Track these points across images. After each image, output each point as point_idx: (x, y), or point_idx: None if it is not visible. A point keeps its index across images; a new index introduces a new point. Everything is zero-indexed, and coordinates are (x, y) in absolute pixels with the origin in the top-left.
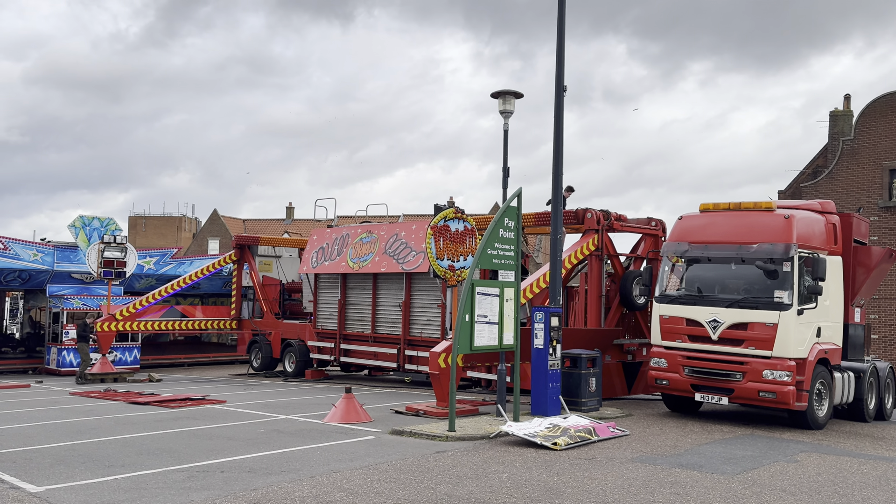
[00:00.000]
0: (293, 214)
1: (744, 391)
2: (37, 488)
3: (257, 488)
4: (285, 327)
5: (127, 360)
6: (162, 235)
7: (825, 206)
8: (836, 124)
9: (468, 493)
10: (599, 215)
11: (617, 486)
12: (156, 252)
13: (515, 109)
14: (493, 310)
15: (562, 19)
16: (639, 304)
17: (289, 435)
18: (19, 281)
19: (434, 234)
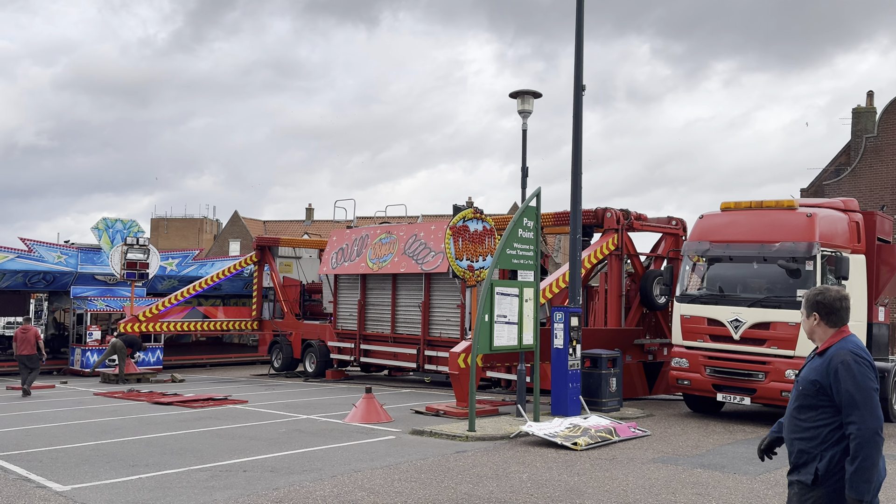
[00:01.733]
0: (313, 216)
1: (766, 391)
2: (63, 487)
3: (279, 487)
4: (306, 328)
5: (150, 361)
6: (184, 237)
7: (848, 204)
8: (860, 121)
9: (489, 493)
10: (619, 215)
11: (638, 487)
12: (178, 254)
13: (538, 110)
14: (513, 310)
15: (580, 18)
16: (659, 303)
17: (310, 435)
18: (44, 283)
19: (453, 235)
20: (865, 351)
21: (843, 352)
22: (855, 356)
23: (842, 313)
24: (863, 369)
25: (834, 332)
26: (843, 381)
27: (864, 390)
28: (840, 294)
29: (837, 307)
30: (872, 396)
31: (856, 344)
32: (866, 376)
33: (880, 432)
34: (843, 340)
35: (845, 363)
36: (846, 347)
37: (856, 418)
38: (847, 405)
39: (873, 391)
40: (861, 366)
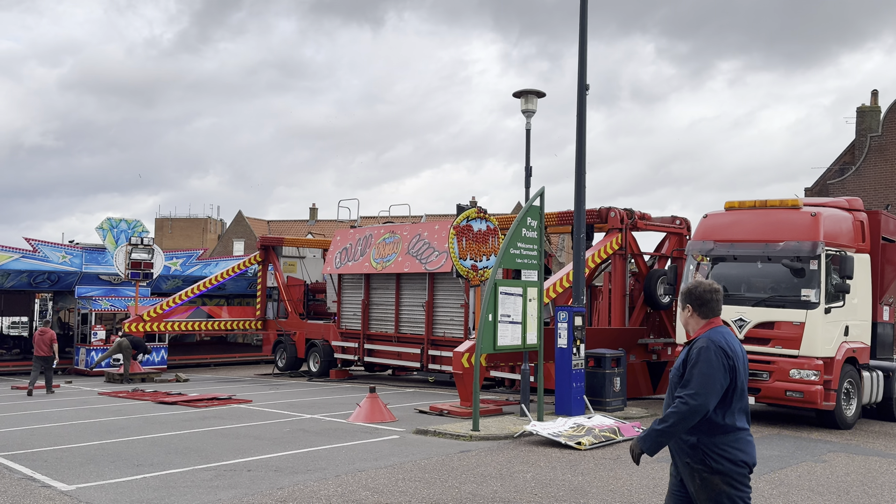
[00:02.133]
0: (317, 215)
1: (771, 391)
2: (67, 487)
3: (283, 487)
4: (310, 327)
5: (154, 361)
6: (188, 237)
7: (852, 203)
8: (864, 120)
9: (493, 493)
10: (623, 214)
11: (642, 486)
12: (182, 253)
13: (542, 110)
14: (517, 309)
15: (584, 18)
16: (663, 303)
17: (314, 434)
18: (48, 283)
19: (457, 234)
20: (729, 343)
21: (704, 339)
22: (712, 343)
23: (712, 305)
24: (713, 357)
25: (705, 322)
26: (694, 362)
27: (706, 375)
28: (711, 287)
29: (708, 299)
30: (711, 382)
31: (720, 334)
32: (712, 363)
33: (697, 415)
34: (711, 331)
35: (701, 349)
36: (710, 336)
37: (685, 393)
38: (686, 381)
39: (715, 380)
40: (712, 354)
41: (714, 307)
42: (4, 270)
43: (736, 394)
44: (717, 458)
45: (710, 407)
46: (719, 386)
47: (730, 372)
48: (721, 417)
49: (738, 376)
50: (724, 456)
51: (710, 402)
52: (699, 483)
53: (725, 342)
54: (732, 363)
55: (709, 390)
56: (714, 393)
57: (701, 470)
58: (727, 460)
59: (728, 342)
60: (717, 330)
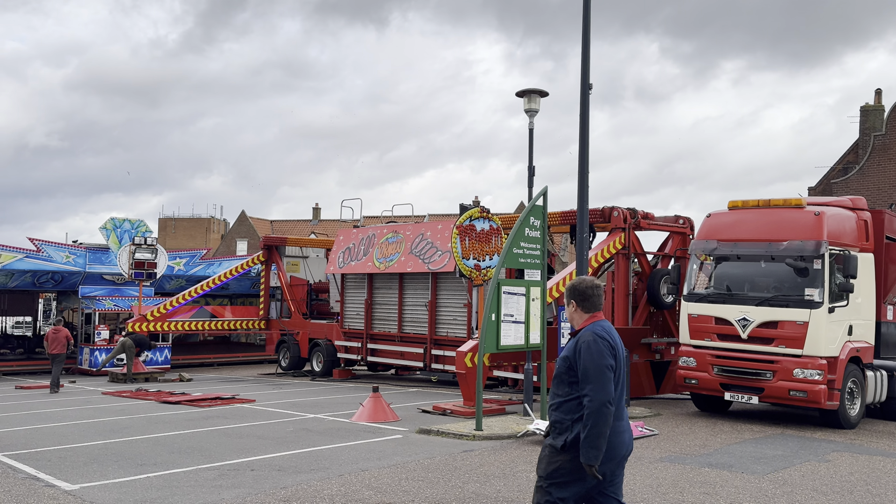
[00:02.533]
0: (320, 215)
1: (774, 390)
2: (71, 486)
3: (287, 486)
4: (313, 327)
5: (158, 360)
6: (191, 237)
7: (856, 202)
8: (868, 119)
9: (496, 492)
10: (626, 213)
11: (646, 486)
12: (185, 253)
13: (546, 110)
14: (520, 309)
15: (587, 17)
16: (667, 302)
17: (317, 434)
18: (52, 283)
19: (460, 234)
20: (610, 334)
21: (587, 332)
22: (596, 336)
23: (594, 300)
24: (600, 348)
25: (588, 316)
26: (583, 357)
27: (598, 367)
28: (593, 283)
29: (590, 294)
30: (605, 373)
31: (602, 327)
32: (602, 354)
33: (609, 405)
34: (593, 324)
35: (587, 342)
36: (592, 329)
37: (588, 391)
38: (583, 379)
39: (606, 368)
40: (599, 345)
41: (595, 302)
42: (8, 270)
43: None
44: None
45: (612, 394)
46: (610, 374)
47: (614, 360)
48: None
49: (618, 366)
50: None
51: (610, 388)
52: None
53: (607, 333)
54: (615, 352)
55: (605, 379)
56: (611, 379)
57: (550, 445)
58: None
59: (609, 332)
60: (598, 323)
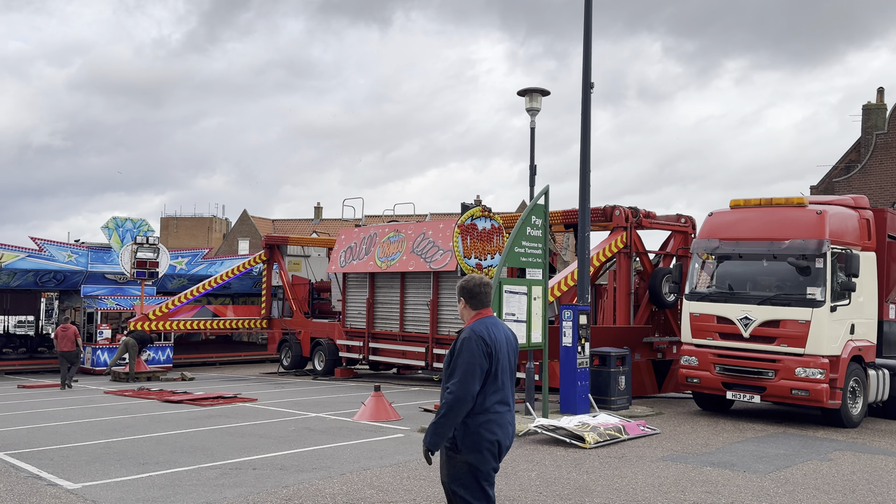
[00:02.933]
0: (321, 214)
1: (776, 389)
2: (74, 485)
3: (289, 485)
4: (314, 326)
5: (160, 360)
6: (193, 236)
7: (858, 201)
8: (870, 118)
9: (497, 492)
10: (628, 212)
11: (648, 485)
12: (187, 252)
13: (549, 109)
14: (521, 308)
15: (588, 16)
16: (668, 301)
17: (319, 433)
18: (54, 282)
19: (461, 233)
20: (490, 332)
21: (468, 330)
22: (474, 334)
23: (481, 297)
24: (472, 347)
25: (475, 313)
26: (458, 352)
27: (466, 364)
28: (481, 281)
29: (477, 292)
30: (473, 370)
31: (485, 325)
32: (473, 353)
33: (465, 401)
34: (478, 321)
35: (464, 339)
36: (473, 327)
37: (451, 384)
38: (451, 372)
39: (476, 366)
40: (472, 343)
41: (483, 299)
42: (10, 270)
43: (490, 378)
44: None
45: (474, 392)
46: (480, 371)
47: (487, 358)
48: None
49: (494, 362)
50: (471, 434)
51: (473, 387)
52: (445, 459)
53: (486, 331)
54: (491, 350)
55: (471, 377)
56: (476, 379)
57: (448, 447)
58: (477, 439)
59: (489, 331)
60: (482, 320)
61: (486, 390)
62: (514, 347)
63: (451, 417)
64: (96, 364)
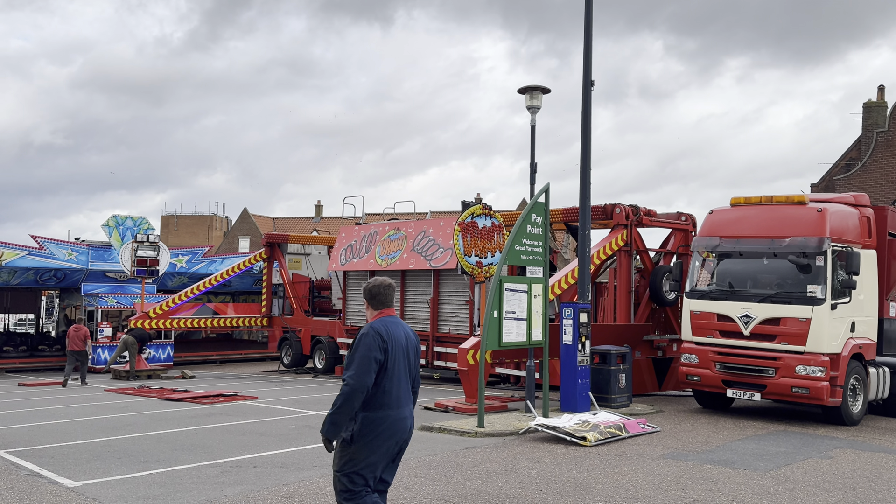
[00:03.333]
0: (322, 212)
1: (776, 387)
2: (74, 483)
3: (289, 483)
4: (315, 324)
5: (160, 358)
6: (193, 234)
7: (859, 198)
8: (870, 116)
9: (498, 489)
10: (628, 210)
11: (648, 483)
12: (188, 251)
13: (551, 107)
14: (522, 306)
15: (589, 13)
16: (669, 299)
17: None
18: (55, 280)
19: (462, 231)
20: (388, 329)
21: (367, 326)
22: (372, 329)
23: (380, 297)
24: (369, 341)
25: (376, 312)
26: (355, 346)
27: (362, 357)
28: (382, 283)
29: (377, 293)
30: (367, 363)
31: (384, 322)
32: (369, 347)
33: (359, 393)
34: (379, 319)
35: (362, 334)
36: (372, 324)
37: (347, 375)
38: (348, 364)
39: (370, 360)
40: (370, 338)
41: (382, 300)
42: (11, 268)
43: (386, 373)
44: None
45: (368, 383)
46: (375, 363)
47: (383, 353)
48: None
49: (390, 357)
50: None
51: (367, 380)
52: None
53: (384, 328)
54: (387, 346)
55: (365, 370)
56: (370, 372)
57: (343, 438)
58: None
59: (387, 328)
60: (382, 319)
61: (383, 386)
62: (415, 346)
63: (347, 407)
64: (97, 362)
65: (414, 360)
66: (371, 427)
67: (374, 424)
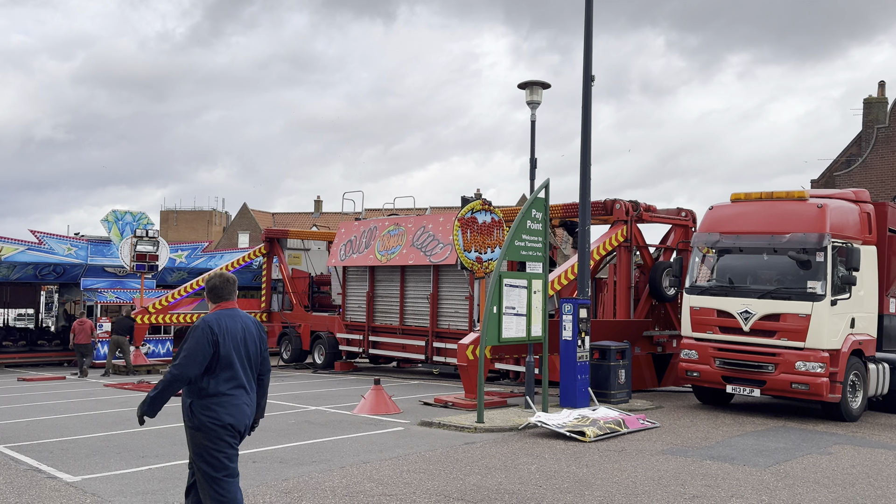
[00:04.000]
0: (321, 208)
1: (776, 383)
2: (73, 478)
3: (288, 478)
4: (314, 320)
5: (160, 353)
6: (193, 229)
7: (859, 194)
8: (871, 112)
9: (497, 485)
10: (628, 206)
11: (647, 478)
12: (187, 246)
13: (553, 103)
14: (521, 301)
15: (589, 7)
16: (669, 295)
17: (319, 426)
18: (54, 275)
19: (461, 226)
20: (220, 322)
21: (200, 320)
22: (204, 323)
23: (217, 291)
24: (198, 335)
25: (214, 305)
26: (186, 339)
27: (189, 348)
28: (220, 277)
29: (213, 286)
30: (195, 355)
31: (217, 315)
32: (197, 340)
33: (180, 382)
34: (215, 312)
35: (193, 328)
36: (206, 318)
37: (173, 364)
38: (177, 355)
39: (197, 352)
40: (199, 332)
41: (219, 293)
42: (10, 263)
43: (220, 364)
44: (200, 416)
45: (191, 375)
46: (202, 357)
47: (213, 345)
48: (207, 383)
49: (223, 349)
50: (206, 415)
51: (190, 371)
52: (188, 437)
53: (217, 321)
54: (216, 338)
55: (190, 362)
56: (196, 363)
57: (188, 426)
58: (209, 419)
59: (220, 321)
60: (218, 311)
61: (219, 376)
62: (255, 336)
63: (166, 393)
64: (96, 357)
65: (253, 349)
66: (209, 414)
67: (211, 411)
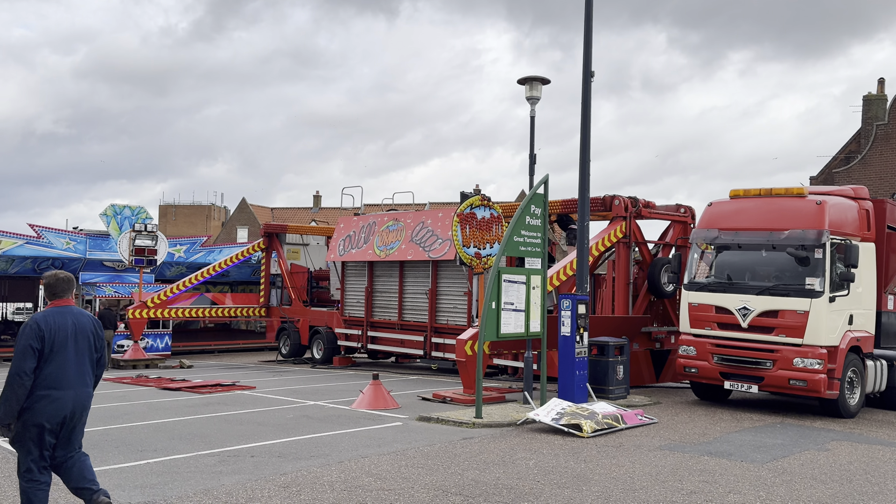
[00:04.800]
0: (320, 203)
1: (774, 379)
2: None
3: (287, 473)
4: (313, 315)
5: (158, 347)
6: (192, 224)
7: (858, 191)
8: (870, 109)
9: (495, 480)
10: (627, 202)
11: (645, 474)
12: (186, 240)
13: (553, 99)
14: (520, 297)
15: (589, 4)
16: (667, 291)
17: (317, 421)
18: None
19: (460, 222)
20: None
21: (31, 317)
22: (32, 320)
23: (53, 289)
24: (26, 332)
25: (51, 303)
26: (19, 337)
27: (20, 346)
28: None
29: (49, 284)
30: (25, 350)
31: (46, 313)
32: (26, 336)
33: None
34: (48, 310)
35: (24, 325)
36: (35, 315)
37: (12, 362)
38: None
39: (26, 347)
40: (27, 329)
41: (54, 290)
42: (9, 256)
43: (47, 358)
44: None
45: (27, 368)
46: (32, 351)
47: (40, 340)
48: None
49: (49, 344)
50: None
51: (26, 364)
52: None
53: (45, 318)
54: (44, 334)
55: (23, 356)
56: (28, 357)
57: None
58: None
59: (50, 318)
60: (52, 309)
61: (44, 370)
62: (87, 331)
63: (12, 391)
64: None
65: (84, 343)
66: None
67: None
